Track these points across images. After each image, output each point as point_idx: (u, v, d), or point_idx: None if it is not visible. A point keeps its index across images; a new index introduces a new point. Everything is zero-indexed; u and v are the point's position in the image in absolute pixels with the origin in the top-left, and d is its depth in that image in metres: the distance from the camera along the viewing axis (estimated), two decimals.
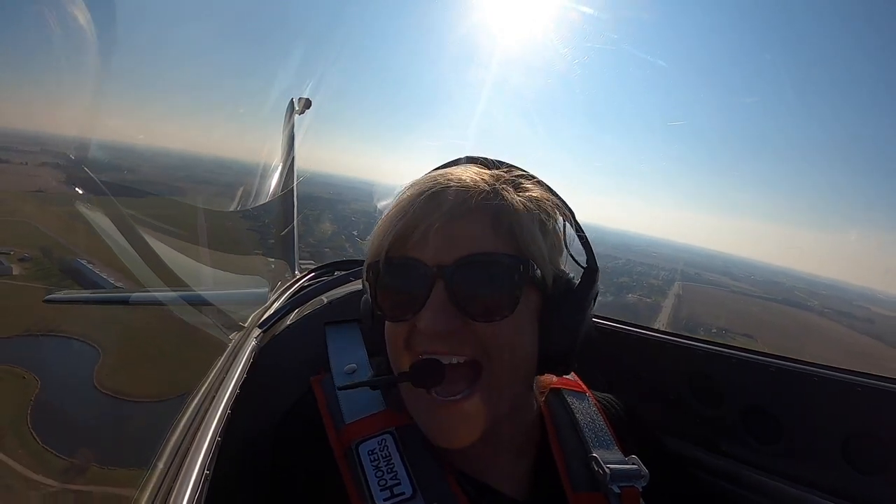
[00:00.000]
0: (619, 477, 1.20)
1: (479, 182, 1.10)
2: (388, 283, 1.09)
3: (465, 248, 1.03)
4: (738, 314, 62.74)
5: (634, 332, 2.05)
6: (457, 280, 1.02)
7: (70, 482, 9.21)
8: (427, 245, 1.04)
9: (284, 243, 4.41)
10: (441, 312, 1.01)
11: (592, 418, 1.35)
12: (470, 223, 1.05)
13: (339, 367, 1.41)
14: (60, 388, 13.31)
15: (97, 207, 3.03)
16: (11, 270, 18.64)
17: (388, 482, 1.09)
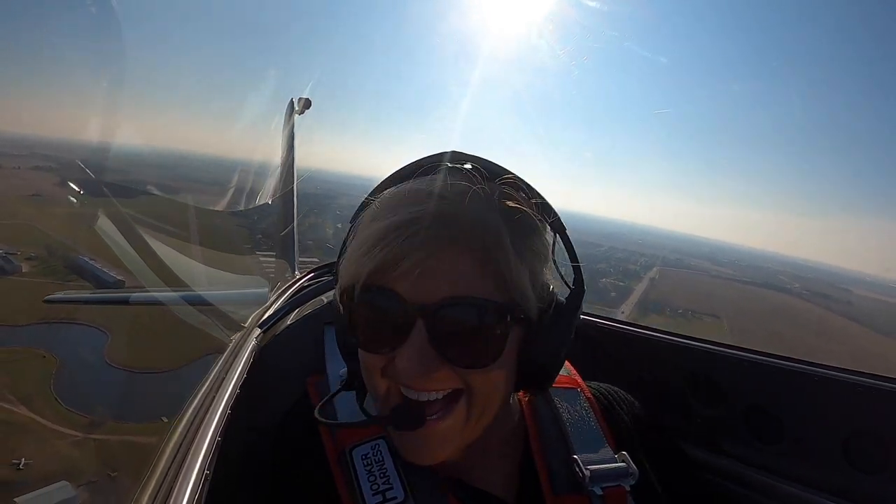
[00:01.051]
0: (602, 478, 1.19)
1: (473, 206, 0.99)
2: (365, 313, 1.02)
3: (450, 288, 0.96)
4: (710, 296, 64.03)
5: (635, 331, 2.04)
6: (439, 322, 0.96)
7: (91, 433, 11.19)
8: (409, 279, 0.96)
9: (284, 243, 4.36)
10: (421, 355, 0.96)
11: (581, 416, 1.32)
12: (456, 258, 0.97)
13: (334, 370, 1.42)
14: (76, 364, 15.17)
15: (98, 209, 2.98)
16: (21, 268, 19.92)
17: (380, 486, 1.09)
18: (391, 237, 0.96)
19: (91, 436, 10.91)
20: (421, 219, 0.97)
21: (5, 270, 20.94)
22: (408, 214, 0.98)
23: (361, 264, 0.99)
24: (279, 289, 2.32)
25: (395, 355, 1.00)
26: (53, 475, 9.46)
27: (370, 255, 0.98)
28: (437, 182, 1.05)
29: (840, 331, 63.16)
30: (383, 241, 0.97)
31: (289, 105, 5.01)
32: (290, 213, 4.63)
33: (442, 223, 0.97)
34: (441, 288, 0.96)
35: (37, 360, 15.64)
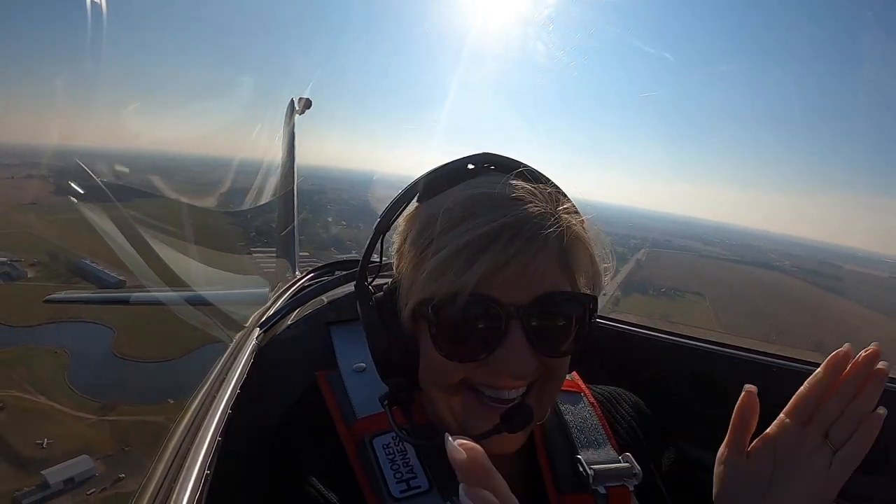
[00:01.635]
0: (606, 477, 1.19)
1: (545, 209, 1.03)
2: (461, 323, 1.00)
3: (541, 287, 1.00)
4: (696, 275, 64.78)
5: (636, 331, 2.05)
6: (533, 319, 0.99)
7: (105, 416, 12.55)
8: (505, 283, 0.98)
9: (285, 243, 4.31)
10: (521, 354, 0.98)
11: (584, 417, 1.34)
12: (543, 258, 1.00)
13: (346, 364, 1.40)
14: (87, 357, 16.55)
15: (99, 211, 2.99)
16: (27, 274, 21.31)
17: (404, 475, 1.09)
18: (494, 245, 0.96)
19: (105, 418, 12.17)
20: (519, 223, 0.98)
21: (12, 276, 22.07)
22: (505, 220, 0.98)
23: (462, 277, 0.97)
24: (279, 288, 2.29)
25: (491, 360, 1.00)
26: (73, 452, 10.79)
27: (473, 266, 0.96)
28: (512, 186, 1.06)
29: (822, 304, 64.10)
30: (489, 248, 0.96)
31: (289, 105, 4.96)
32: (291, 213, 4.58)
33: (537, 225, 0.99)
34: (533, 287, 0.99)
35: (50, 355, 17.02)
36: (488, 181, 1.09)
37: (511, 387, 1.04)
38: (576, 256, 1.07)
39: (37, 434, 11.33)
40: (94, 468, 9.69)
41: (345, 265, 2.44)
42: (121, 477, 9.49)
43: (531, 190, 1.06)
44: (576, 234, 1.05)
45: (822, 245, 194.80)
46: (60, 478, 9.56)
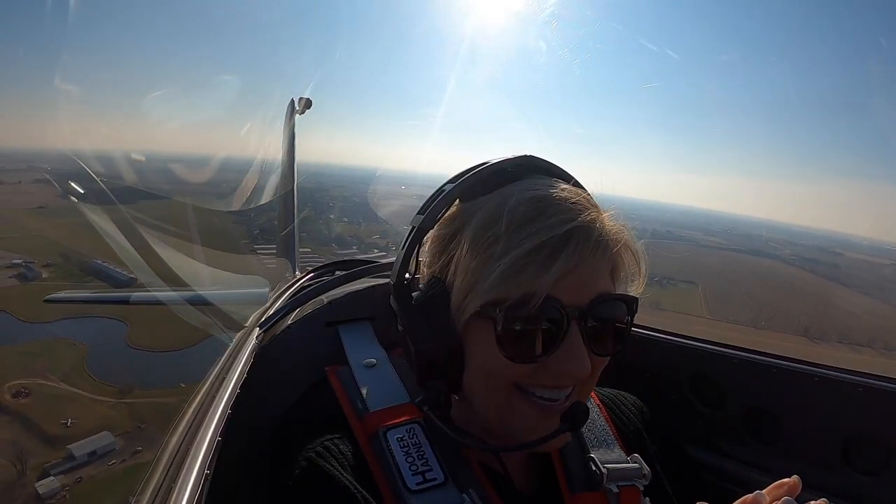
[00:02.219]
0: (618, 476, 1.21)
1: (598, 217, 1.09)
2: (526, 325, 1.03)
3: (595, 289, 1.05)
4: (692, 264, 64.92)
5: (636, 331, 2.05)
6: (589, 321, 1.04)
7: (122, 399, 13.74)
8: (568, 286, 1.02)
9: (285, 243, 4.36)
10: (581, 354, 1.02)
11: (592, 418, 1.36)
12: (598, 263, 1.06)
13: (356, 360, 1.41)
14: (104, 348, 17.75)
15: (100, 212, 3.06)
16: (41, 275, 22.37)
17: (419, 467, 1.09)
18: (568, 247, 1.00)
19: (122, 400, 13.34)
20: (582, 229, 1.02)
21: (28, 277, 23.19)
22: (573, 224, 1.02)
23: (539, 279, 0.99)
24: (279, 288, 2.31)
25: (551, 361, 1.03)
26: (95, 429, 11.99)
27: (549, 269, 0.99)
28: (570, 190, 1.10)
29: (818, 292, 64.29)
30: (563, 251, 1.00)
31: (289, 105, 5.03)
32: (291, 213, 4.62)
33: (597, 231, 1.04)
34: (589, 290, 1.04)
35: (69, 347, 18.30)
36: (541, 184, 1.11)
37: (568, 386, 1.08)
38: (623, 261, 1.13)
39: (61, 415, 12.54)
40: (115, 442, 10.86)
41: (345, 265, 2.46)
42: (138, 450, 10.66)
43: (586, 196, 1.11)
44: (621, 238, 1.09)
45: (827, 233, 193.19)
46: (84, 451, 10.76)
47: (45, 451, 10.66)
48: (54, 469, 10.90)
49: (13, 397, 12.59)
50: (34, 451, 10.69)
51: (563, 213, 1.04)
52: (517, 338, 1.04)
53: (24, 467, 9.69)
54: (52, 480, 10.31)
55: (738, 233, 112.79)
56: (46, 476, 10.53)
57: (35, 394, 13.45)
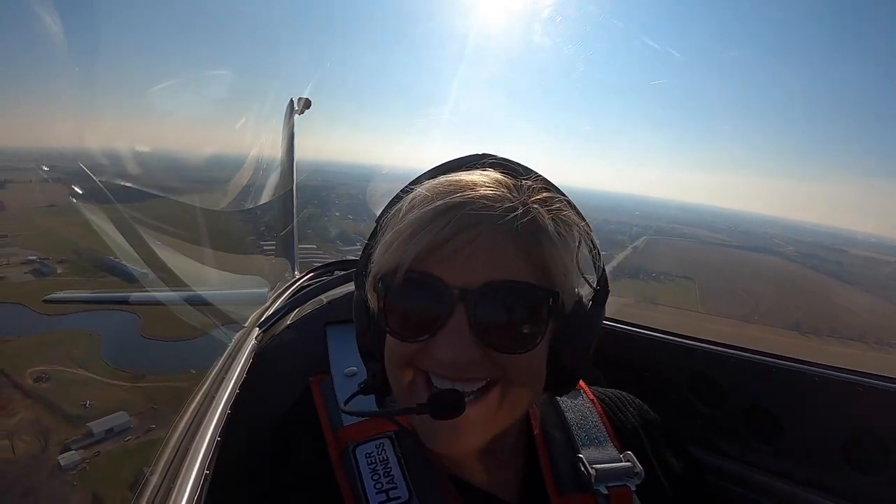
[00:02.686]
0: (608, 477, 1.17)
1: (509, 198, 1.00)
2: (402, 299, 0.99)
3: (493, 273, 0.95)
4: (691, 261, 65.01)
5: (636, 331, 2.04)
6: (480, 306, 0.94)
7: (136, 383, 14.78)
8: (451, 264, 0.95)
9: (284, 243, 4.28)
10: (461, 340, 0.94)
11: (585, 416, 1.32)
12: (500, 245, 0.96)
13: (339, 368, 1.40)
14: (118, 338, 18.84)
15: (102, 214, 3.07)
16: (56, 270, 23.50)
17: (384, 485, 1.08)
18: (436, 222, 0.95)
19: (136, 384, 14.37)
20: (464, 204, 0.96)
21: (43, 273, 24.28)
22: (451, 200, 0.97)
23: (404, 250, 0.96)
24: (279, 288, 2.28)
25: (431, 343, 0.97)
26: (111, 410, 13.05)
27: (413, 241, 0.96)
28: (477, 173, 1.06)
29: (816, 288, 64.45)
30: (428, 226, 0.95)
31: (289, 105, 4.95)
32: (290, 213, 4.52)
33: (485, 208, 0.96)
34: (483, 272, 0.94)
35: (85, 337, 19.40)
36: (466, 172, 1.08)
37: (454, 377, 0.98)
38: (541, 248, 0.98)
39: (79, 397, 13.60)
40: (130, 421, 11.93)
41: (344, 265, 2.43)
42: (151, 427, 11.74)
43: (498, 179, 1.04)
44: (538, 225, 0.98)
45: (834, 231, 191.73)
46: (102, 428, 11.85)
47: (66, 428, 11.73)
48: (75, 444, 11.96)
49: (35, 382, 13.63)
50: (56, 429, 11.77)
51: (451, 194, 0.99)
52: (394, 312, 1.01)
53: (47, 443, 10.73)
54: (72, 454, 11.37)
55: (742, 230, 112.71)
56: (67, 451, 11.54)
57: (55, 379, 14.50)
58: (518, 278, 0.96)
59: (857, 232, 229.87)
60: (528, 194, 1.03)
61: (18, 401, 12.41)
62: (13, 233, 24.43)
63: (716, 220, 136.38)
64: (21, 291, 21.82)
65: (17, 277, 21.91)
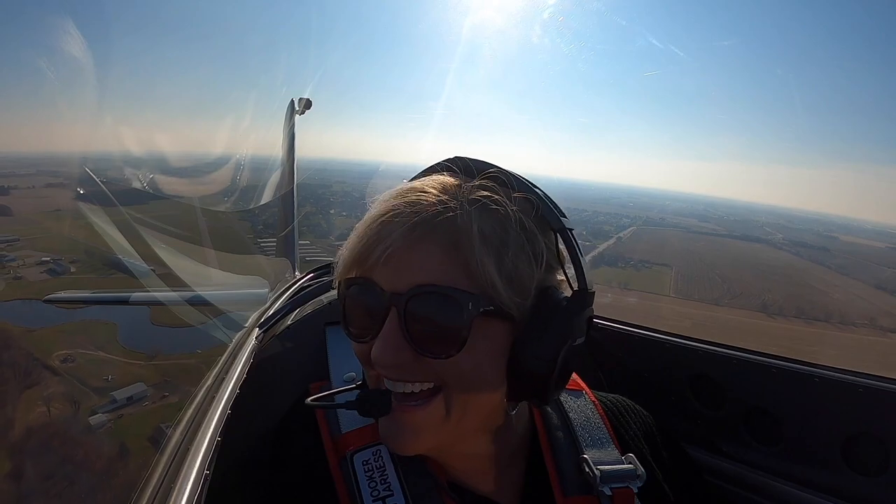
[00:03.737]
0: (611, 478, 1.17)
1: (443, 201, 1.00)
2: (351, 302, 1.05)
3: (418, 277, 0.96)
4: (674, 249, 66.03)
5: (635, 332, 2.03)
6: (409, 310, 0.96)
7: (150, 361, 16.94)
8: (385, 268, 0.98)
9: (285, 243, 4.28)
10: (390, 344, 0.97)
11: (587, 416, 1.31)
12: (425, 248, 0.97)
13: (338, 374, 1.40)
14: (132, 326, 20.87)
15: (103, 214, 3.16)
16: (70, 269, 25.40)
17: (380, 493, 1.08)
18: (369, 229, 1.00)
19: (151, 362, 16.55)
20: (393, 210, 0.99)
21: (57, 272, 26.27)
22: (384, 207, 1.01)
23: (347, 258, 1.04)
24: (279, 289, 2.29)
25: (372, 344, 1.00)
26: (130, 382, 15.26)
27: (353, 249, 1.03)
28: (427, 179, 1.07)
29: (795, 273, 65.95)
30: (363, 234, 1.01)
31: (289, 105, 4.98)
32: (291, 213, 4.54)
33: (414, 214, 0.97)
34: (413, 277, 0.96)
35: (102, 326, 21.55)
36: (423, 178, 1.10)
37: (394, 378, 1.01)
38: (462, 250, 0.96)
39: (102, 374, 15.69)
40: (147, 390, 14.05)
41: None
42: (165, 395, 13.83)
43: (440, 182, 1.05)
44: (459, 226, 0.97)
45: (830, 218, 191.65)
46: (124, 396, 13.96)
47: (92, 398, 13.83)
48: (101, 409, 14.14)
49: (61, 363, 15.72)
50: (83, 399, 13.88)
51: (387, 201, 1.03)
52: (346, 314, 1.07)
53: (78, 408, 12.89)
54: (100, 416, 13.55)
55: (734, 219, 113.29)
56: (95, 414, 13.74)
57: (79, 359, 16.57)
58: (440, 282, 0.95)
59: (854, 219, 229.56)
60: (465, 196, 1.02)
61: (49, 378, 14.47)
62: (24, 236, 26.18)
63: (710, 209, 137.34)
64: (39, 289, 23.77)
65: (34, 276, 23.84)
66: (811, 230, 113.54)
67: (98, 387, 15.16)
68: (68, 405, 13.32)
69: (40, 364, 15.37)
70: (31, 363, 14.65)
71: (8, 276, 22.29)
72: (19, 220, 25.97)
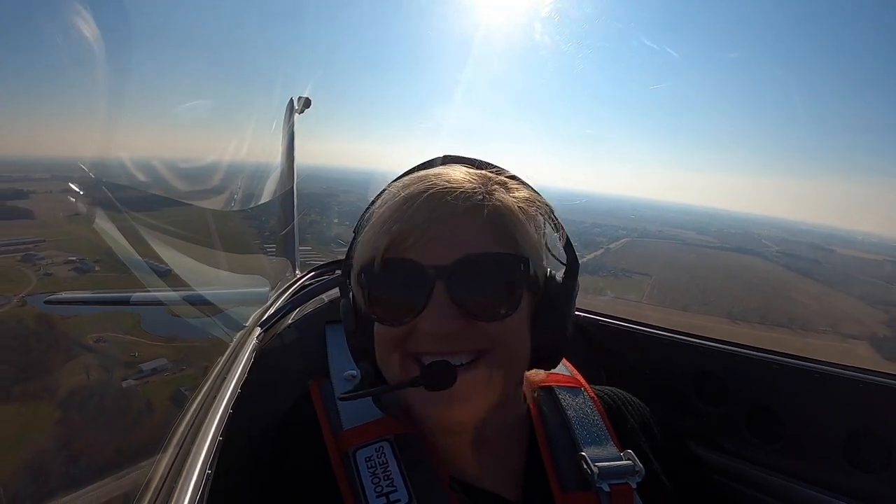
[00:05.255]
0: (610, 475, 1.17)
1: (472, 183, 1.07)
2: (384, 286, 1.06)
3: (464, 249, 1.01)
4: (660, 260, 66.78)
5: (638, 329, 2.04)
6: (457, 280, 1.00)
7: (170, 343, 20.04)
8: (424, 247, 1.01)
9: (285, 243, 4.38)
10: (445, 314, 0.99)
11: (586, 414, 1.32)
12: (467, 225, 1.03)
13: (338, 372, 1.41)
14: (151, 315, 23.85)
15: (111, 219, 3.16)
16: (94, 268, 28.28)
17: (384, 489, 1.08)
18: (405, 210, 1.03)
19: (170, 344, 19.61)
20: (434, 195, 1.03)
21: (83, 270, 29.21)
22: (416, 189, 1.06)
23: (377, 241, 1.04)
24: (280, 288, 2.29)
25: (416, 323, 1.02)
26: (154, 357, 18.25)
27: (385, 231, 1.03)
28: (441, 168, 1.15)
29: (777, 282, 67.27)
30: (396, 216, 1.03)
31: (289, 104, 5.00)
32: (291, 213, 4.61)
33: (453, 194, 1.03)
34: (455, 251, 1.01)
35: (125, 315, 24.44)
36: (432, 171, 1.14)
37: (446, 351, 1.02)
38: (507, 223, 1.06)
39: (129, 351, 18.73)
40: (167, 364, 16.92)
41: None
42: (183, 368, 16.73)
43: (462, 169, 1.12)
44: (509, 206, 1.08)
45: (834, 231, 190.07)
46: (149, 367, 16.94)
47: (123, 369, 16.98)
48: (130, 377, 17.22)
49: (95, 342, 18.75)
50: (115, 369, 17.06)
51: (418, 185, 1.06)
52: (378, 300, 1.07)
53: (112, 375, 16.17)
54: (130, 381, 16.60)
55: (735, 231, 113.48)
56: (126, 380, 16.87)
57: (110, 340, 19.35)
58: (489, 250, 1.03)
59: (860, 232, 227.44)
60: (489, 180, 1.11)
61: (86, 353, 17.24)
62: (49, 238, 28.60)
63: (712, 222, 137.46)
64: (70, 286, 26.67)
65: (62, 274, 26.11)
66: (810, 243, 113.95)
67: (127, 361, 18.05)
68: (104, 373, 16.48)
69: (78, 343, 18.30)
70: (70, 342, 17.53)
71: (39, 273, 25.20)
72: (42, 223, 28.04)
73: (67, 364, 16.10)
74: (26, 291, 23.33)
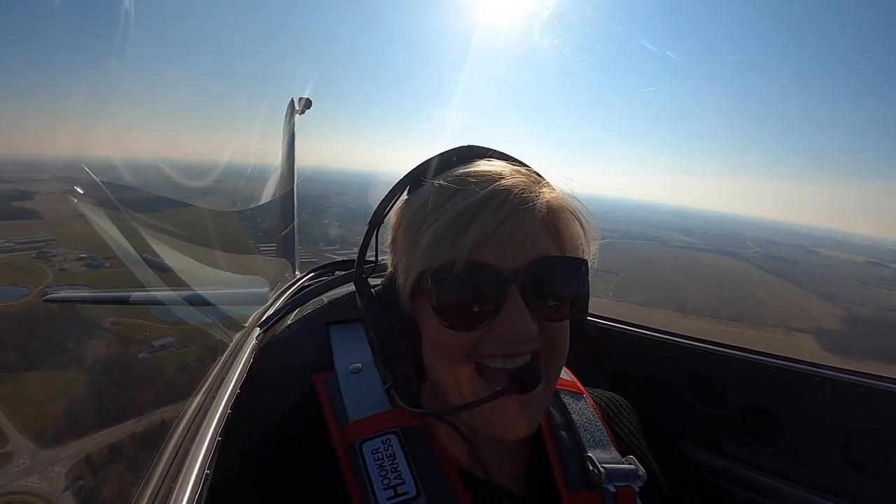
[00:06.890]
0: (615, 476, 1.18)
1: (524, 181, 1.07)
2: (461, 291, 1.02)
3: (534, 252, 1.02)
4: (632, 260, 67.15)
5: (635, 331, 2.03)
6: (529, 283, 1.00)
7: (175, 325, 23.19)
8: (497, 250, 1.00)
9: (285, 243, 4.39)
10: (521, 316, 0.99)
11: (588, 419, 1.33)
12: (534, 227, 1.03)
13: (343, 365, 1.38)
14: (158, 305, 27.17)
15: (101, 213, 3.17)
16: (104, 264, 30.16)
17: (391, 481, 1.07)
18: (484, 212, 1.00)
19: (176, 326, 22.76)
20: (504, 192, 1.02)
21: (94, 266, 31.80)
22: (492, 190, 1.02)
23: (457, 243, 0.99)
24: (279, 288, 2.27)
25: (494, 326, 1.00)
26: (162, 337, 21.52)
27: (465, 233, 0.99)
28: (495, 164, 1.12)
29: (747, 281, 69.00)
30: (480, 215, 1.00)
31: (289, 105, 5.02)
32: (291, 213, 4.63)
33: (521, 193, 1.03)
34: (527, 253, 1.01)
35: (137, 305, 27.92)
36: (473, 164, 1.13)
37: (516, 353, 1.02)
38: (563, 225, 1.09)
39: (141, 332, 21.84)
40: (174, 341, 20.01)
41: (344, 265, 2.44)
42: (187, 345, 19.77)
43: (512, 167, 1.11)
44: (562, 204, 1.09)
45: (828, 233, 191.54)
46: (160, 343, 20.01)
47: (137, 345, 20.16)
48: (144, 351, 20.33)
49: (111, 325, 21.97)
50: (130, 345, 20.25)
51: (482, 183, 1.04)
52: (452, 305, 1.02)
53: (128, 350, 19.49)
54: (143, 354, 19.70)
55: (721, 233, 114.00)
56: (140, 353, 20.03)
57: (124, 323, 22.51)
58: (556, 253, 1.06)
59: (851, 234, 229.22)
60: (537, 180, 1.11)
61: (105, 333, 20.26)
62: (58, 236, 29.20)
63: (700, 223, 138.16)
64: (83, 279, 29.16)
65: (76, 269, 27.90)
66: (794, 244, 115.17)
67: (140, 339, 21.21)
68: (121, 348, 19.79)
69: (97, 325, 21.44)
70: (91, 325, 20.69)
71: (55, 269, 27.56)
72: (49, 222, 27.28)
73: (91, 342, 19.31)
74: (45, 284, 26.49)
